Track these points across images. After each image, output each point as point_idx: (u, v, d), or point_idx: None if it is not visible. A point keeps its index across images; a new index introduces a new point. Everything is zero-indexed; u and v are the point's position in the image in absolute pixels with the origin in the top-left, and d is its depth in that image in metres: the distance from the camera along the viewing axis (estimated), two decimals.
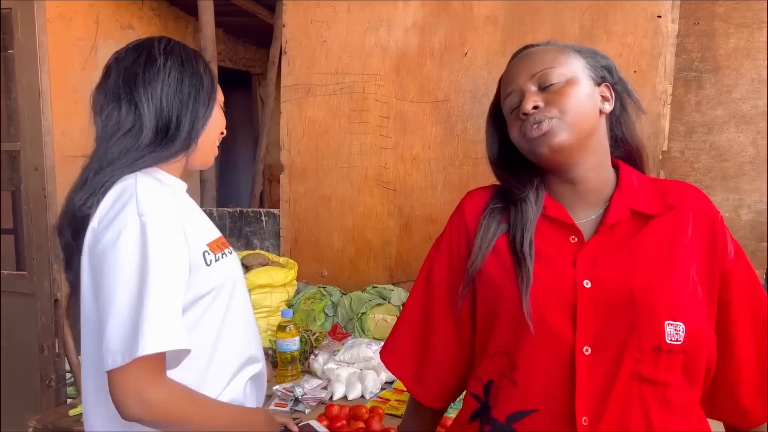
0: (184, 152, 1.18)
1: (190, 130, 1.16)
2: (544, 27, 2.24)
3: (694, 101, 2.11)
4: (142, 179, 1.09)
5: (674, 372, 0.92)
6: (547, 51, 1.02)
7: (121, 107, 1.14)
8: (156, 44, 1.19)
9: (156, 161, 1.14)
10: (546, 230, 0.99)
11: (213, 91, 1.21)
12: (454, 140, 2.39)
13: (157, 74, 1.15)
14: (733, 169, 2.08)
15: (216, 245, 1.18)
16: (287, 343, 2.00)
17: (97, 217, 1.06)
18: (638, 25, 2.14)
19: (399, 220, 2.49)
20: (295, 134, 2.60)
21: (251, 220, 2.72)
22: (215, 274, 1.14)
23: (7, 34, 2.33)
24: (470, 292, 1.06)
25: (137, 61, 1.16)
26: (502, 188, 1.08)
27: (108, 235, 1.01)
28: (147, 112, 1.13)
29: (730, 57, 2.07)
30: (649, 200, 0.98)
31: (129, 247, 0.99)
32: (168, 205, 1.08)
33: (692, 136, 2.13)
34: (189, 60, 1.19)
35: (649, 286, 0.92)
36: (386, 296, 2.35)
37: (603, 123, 1.01)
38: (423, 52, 2.40)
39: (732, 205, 2.09)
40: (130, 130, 1.13)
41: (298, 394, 1.82)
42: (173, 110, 1.15)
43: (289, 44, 2.57)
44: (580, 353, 0.92)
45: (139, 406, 0.96)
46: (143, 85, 1.14)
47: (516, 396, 0.97)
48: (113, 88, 1.16)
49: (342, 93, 2.51)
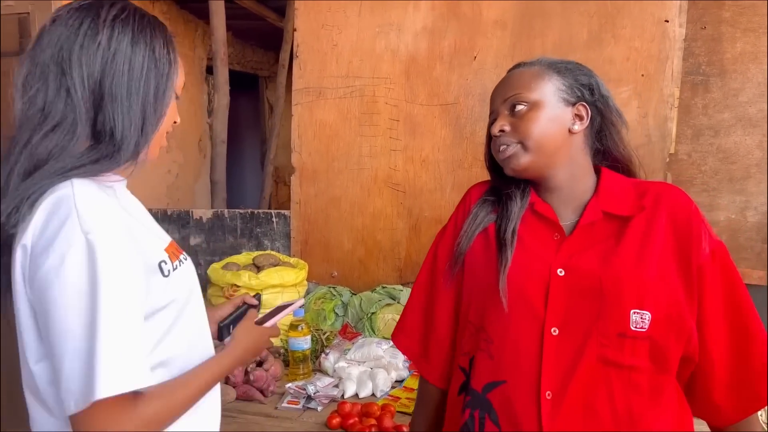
0: (131, 163, 0.98)
1: (138, 139, 0.96)
2: (553, 31, 2.28)
3: (701, 104, 2.13)
4: (79, 187, 0.90)
5: (640, 357, 0.98)
6: (523, 74, 1.10)
7: (48, 89, 0.92)
8: (103, 11, 0.95)
9: (97, 173, 0.94)
10: (534, 225, 1.09)
11: (170, 79, 1.00)
12: (463, 143, 2.42)
13: (96, 51, 0.92)
14: (739, 171, 2.10)
15: (171, 252, 1.03)
16: (299, 342, 2.03)
17: (29, 236, 0.88)
18: (646, 29, 2.17)
19: (408, 221, 2.53)
20: (306, 137, 2.63)
21: (262, 221, 2.75)
22: (173, 284, 1.00)
23: (25, 38, 2.38)
24: (462, 272, 1.16)
25: (77, 32, 0.93)
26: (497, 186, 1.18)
27: (50, 261, 0.85)
28: (80, 103, 0.92)
29: (736, 61, 2.09)
30: (624, 203, 1.05)
31: (76, 272, 0.84)
32: (115, 217, 0.92)
33: (699, 138, 2.15)
34: (144, 37, 0.96)
35: (617, 277, 0.99)
36: (395, 296, 2.38)
37: (576, 139, 1.10)
38: (432, 56, 2.44)
39: (738, 207, 2.11)
40: (60, 123, 0.92)
41: (310, 392, 1.85)
42: (115, 107, 0.93)
43: (301, 48, 2.60)
44: (548, 333, 1.01)
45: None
46: (78, 64, 0.92)
47: (491, 367, 1.06)
48: (41, 63, 0.93)
49: (352, 96, 2.54)
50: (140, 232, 0.97)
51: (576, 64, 1.13)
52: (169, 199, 4.47)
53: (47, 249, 0.85)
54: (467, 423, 1.08)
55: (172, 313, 1.01)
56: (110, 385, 0.83)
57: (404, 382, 1.97)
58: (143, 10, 1.01)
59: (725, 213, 2.12)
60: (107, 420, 0.85)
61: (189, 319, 1.06)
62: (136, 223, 0.98)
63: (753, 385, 1.02)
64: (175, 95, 1.03)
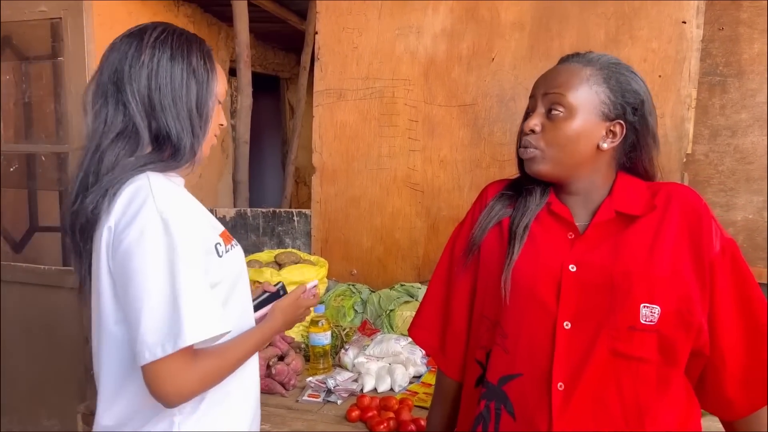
0: (190, 162, 1.15)
1: (192, 141, 1.13)
2: (570, 33, 2.30)
3: (719, 105, 2.14)
4: (153, 177, 1.07)
5: (649, 349, 1.02)
6: (574, 72, 1.08)
7: (109, 105, 1.10)
8: (147, 35, 1.11)
9: (164, 170, 1.11)
10: (549, 224, 1.12)
11: (209, 87, 1.14)
12: (481, 143, 2.46)
13: (141, 69, 1.08)
14: (757, 171, 2.11)
15: (225, 237, 1.17)
16: (319, 337, 2.08)
17: (113, 218, 1.04)
18: (663, 30, 2.18)
19: (426, 220, 2.57)
20: (326, 137, 2.69)
21: (284, 220, 2.81)
22: (226, 264, 1.15)
23: (57, 42, 2.46)
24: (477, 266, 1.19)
25: (126, 55, 1.10)
26: (517, 180, 1.19)
27: (131, 235, 1.00)
28: (135, 114, 1.08)
29: (754, 62, 2.10)
30: (637, 203, 1.08)
31: (155, 244, 0.99)
32: (183, 200, 1.08)
33: (716, 139, 2.16)
34: (181, 53, 1.11)
35: (628, 272, 1.02)
36: (414, 294, 2.42)
37: (604, 155, 1.09)
38: (451, 58, 2.48)
39: (756, 207, 2.12)
40: (122, 132, 1.09)
41: (330, 386, 1.90)
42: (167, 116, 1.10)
43: (322, 50, 2.66)
44: (561, 327, 1.04)
45: (178, 395, 1.00)
46: (129, 82, 1.08)
47: (506, 361, 1.10)
48: (102, 84, 1.11)
49: (372, 97, 2.59)
50: (201, 216, 1.13)
51: (632, 75, 1.09)
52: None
53: (128, 226, 1.01)
54: (482, 414, 1.12)
55: (225, 289, 1.15)
56: (196, 333, 0.98)
57: (422, 377, 2.01)
58: (182, 29, 1.17)
59: (742, 213, 2.13)
60: (175, 371, 0.99)
61: (239, 296, 1.21)
62: (199, 209, 1.14)
63: (764, 378, 1.04)
64: (217, 100, 1.18)
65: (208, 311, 1.02)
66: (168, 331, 0.97)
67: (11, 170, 2.71)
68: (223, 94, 1.19)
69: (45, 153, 2.72)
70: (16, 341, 2.67)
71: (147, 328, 0.97)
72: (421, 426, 1.63)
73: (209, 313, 1.02)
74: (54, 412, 2.62)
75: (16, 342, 2.67)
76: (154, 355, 0.97)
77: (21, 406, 2.71)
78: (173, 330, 0.97)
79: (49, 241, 2.85)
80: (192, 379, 1.02)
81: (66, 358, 2.55)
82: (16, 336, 2.67)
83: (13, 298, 2.67)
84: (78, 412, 1.88)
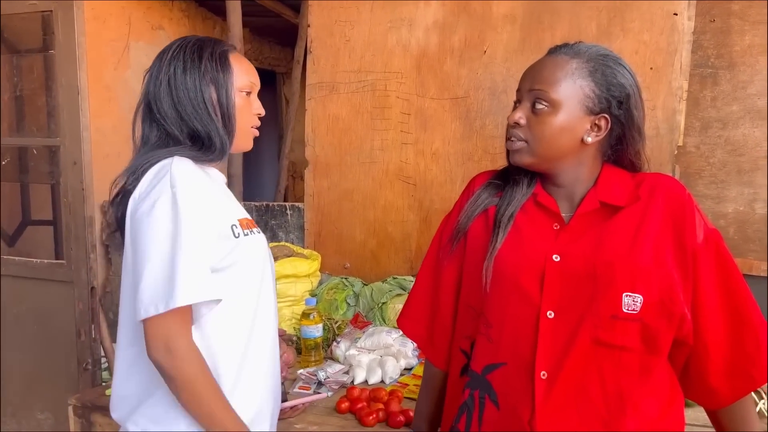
0: (221, 157, 1.25)
1: (221, 141, 1.22)
2: (562, 25, 2.30)
3: (710, 97, 2.14)
4: (178, 159, 1.17)
5: (631, 338, 1.02)
6: (558, 65, 1.07)
7: (145, 124, 1.25)
8: (165, 54, 1.23)
9: (194, 159, 1.20)
10: (535, 214, 1.12)
11: (227, 84, 1.23)
12: (473, 136, 2.46)
13: (160, 87, 1.21)
14: (748, 163, 2.11)
15: (244, 223, 1.24)
16: (311, 330, 2.08)
17: (137, 191, 1.16)
18: (654, 23, 2.18)
19: (419, 213, 2.57)
20: (319, 131, 2.69)
21: (277, 213, 2.82)
22: (243, 247, 1.20)
23: (48, 35, 2.45)
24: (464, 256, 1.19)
25: (151, 76, 1.24)
26: (505, 170, 1.19)
27: (145, 205, 1.11)
28: (168, 126, 1.21)
29: (745, 53, 2.10)
30: (621, 193, 1.07)
31: (162, 214, 1.09)
32: (197, 181, 1.15)
33: (707, 131, 2.16)
34: (192, 62, 1.21)
35: (610, 261, 1.02)
36: (406, 287, 2.42)
37: (589, 148, 1.09)
38: (443, 51, 2.47)
39: (747, 199, 2.12)
40: (160, 141, 1.22)
41: (321, 378, 1.90)
42: (194, 121, 1.20)
43: (314, 44, 2.65)
44: (544, 316, 1.05)
45: (166, 351, 1.06)
46: (155, 102, 1.22)
47: (490, 350, 1.10)
48: (139, 105, 1.26)
49: (365, 90, 2.59)
50: (221, 198, 1.21)
51: (619, 69, 1.07)
52: None
53: (145, 198, 1.13)
54: (466, 402, 1.12)
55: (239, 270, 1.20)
56: (187, 296, 1.06)
57: (413, 369, 2.01)
58: (198, 37, 1.27)
59: (733, 205, 2.13)
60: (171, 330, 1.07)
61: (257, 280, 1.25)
62: (220, 191, 1.23)
63: (747, 367, 1.04)
64: (244, 92, 1.26)
65: (201, 277, 1.09)
66: (162, 291, 1.06)
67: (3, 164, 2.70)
68: (249, 86, 1.27)
69: (37, 146, 2.72)
70: (9, 335, 2.67)
71: (144, 286, 1.07)
72: (410, 417, 1.63)
73: (202, 279, 1.09)
74: (48, 405, 2.62)
75: (9, 335, 2.67)
76: (147, 312, 1.06)
77: (15, 399, 2.71)
78: (167, 291, 1.05)
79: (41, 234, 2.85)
80: (184, 345, 1.08)
81: (59, 351, 2.55)
82: (9, 329, 2.67)
83: (6, 291, 2.67)
84: (69, 404, 1.88)
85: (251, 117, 1.29)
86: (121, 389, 1.22)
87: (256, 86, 1.29)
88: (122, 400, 1.22)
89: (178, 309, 1.06)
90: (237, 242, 1.20)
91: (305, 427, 1.63)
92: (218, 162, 1.27)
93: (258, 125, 1.32)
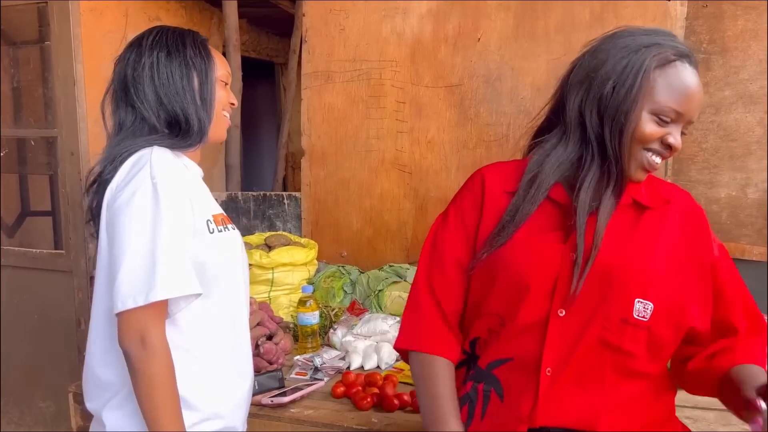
0: (198, 144, 1.27)
1: (199, 125, 1.24)
2: (555, 12, 2.30)
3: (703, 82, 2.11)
4: (157, 150, 1.17)
5: (638, 345, 1.04)
6: (702, 99, 1.06)
7: (119, 108, 1.24)
8: (144, 40, 1.24)
9: (172, 147, 1.22)
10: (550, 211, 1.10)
11: (208, 72, 1.26)
12: (467, 124, 2.46)
13: (143, 72, 1.21)
14: (740, 148, 2.12)
15: (219, 219, 1.25)
16: (307, 317, 2.10)
17: (115, 181, 1.16)
18: (647, 8, 2.18)
19: (415, 201, 2.58)
20: (315, 120, 2.70)
21: (274, 203, 2.83)
22: (217, 243, 1.21)
23: (44, 26, 2.47)
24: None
25: (128, 62, 1.23)
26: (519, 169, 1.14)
27: (123, 195, 1.10)
28: (145, 112, 1.21)
29: (738, 38, 2.10)
30: (647, 194, 1.09)
31: (142, 205, 1.08)
32: (177, 173, 1.16)
33: (700, 116, 2.15)
34: (176, 48, 1.23)
35: (626, 265, 1.03)
36: (402, 275, 2.44)
37: None
38: (437, 39, 2.48)
39: (739, 184, 2.13)
40: (135, 127, 1.22)
41: (317, 363, 1.93)
42: (174, 105, 1.21)
43: (309, 33, 2.66)
44: (555, 314, 1.04)
45: (139, 343, 1.05)
46: (134, 86, 1.21)
47: (498, 347, 1.10)
48: (113, 91, 1.26)
49: (360, 79, 2.59)
50: (197, 192, 1.21)
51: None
52: None
53: (124, 187, 1.12)
54: (469, 395, 1.12)
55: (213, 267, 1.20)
56: (167, 289, 1.05)
57: None
58: (176, 27, 1.29)
59: (726, 190, 2.14)
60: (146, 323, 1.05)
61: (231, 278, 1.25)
62: (195, 189, 1.21)
63: None
64: (222, 83, 1.29)
65: (181, 271, 1.09)
66: (141, 283, 1.04)
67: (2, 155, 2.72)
68: (225, 77, 1.31)
69: (35, 137, 2.74)
70: (9, 324, 2.70)
71: (123, 278, 1.05)
72: (405, 401, 1.66)
73: (182, 273, 1.09)
74: (49, 394, 2.66)
75: (10, 325, 2.70)
76: (125, 305, 1.04)
77: (16, 388, 2.75)
78: (147, 283, 1.04)
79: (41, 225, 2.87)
80: (157, 340, 1.07)
81: (59, 340, 2.58)
82: (9, 319, 2.70)
83: (6, 282, 2.70)
84: (69, 391, 1.90)
85: (226, 105, 1.32)
86: (97, 379, 1.20)
87: (230, 79, 1.34)
88: (97, 390, 1.20)
89: (156, 302, 1.05)
90: (211, 239, 1.20)
91: (301, 411, 1.66)
92: (196, 147, 1.28)
93: (230, 112, 1.35)
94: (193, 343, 1.18)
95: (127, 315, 1.05)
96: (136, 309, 1.04)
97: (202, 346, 1.20)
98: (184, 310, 1.16)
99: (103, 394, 1.18)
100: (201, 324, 1.19)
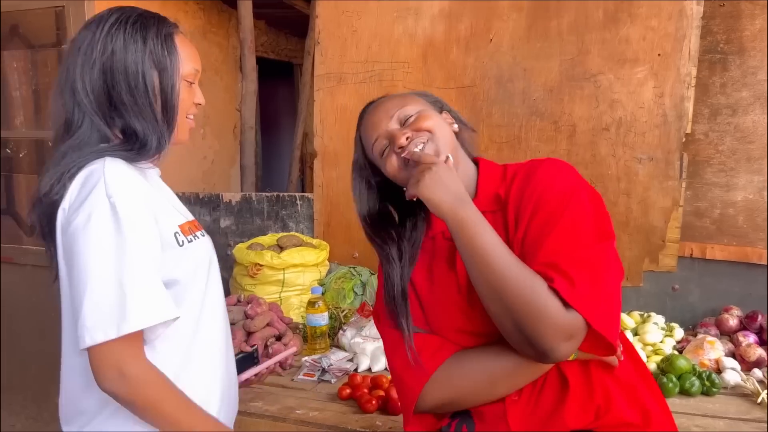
0: (156, 156, 1.12)
1: (160, 137, 1.08)
2: (568, 12, 2.27)
3: (719, 83, 2.10)
4: (109, 162, 1.03)
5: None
6: (392, 99, 1.16)
7: (66, 105, 1.07)
8: (100, 26, 1.05)
9: (127, 159, 1.07)
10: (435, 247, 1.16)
11: (173, 71, 1.08)
12: (479, 125, 2.44)
13: (93, 66, 1.04)
14: (757, 151, 2.07)
15: (187, 228, 1.13)
16: (317, 318, 2.11)
17: (67, 201, 1.02)
18: (662, 7, 2.14)
19: None
20: (327, 121, 2.70)
21: (287, 204, 2.84)
22: (188, 254, 1.10)
23: (61, 30, 2.51)
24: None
25: (78, 51, 1.05)
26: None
27: (79, 218, 0.98)
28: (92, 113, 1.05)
29: (755, 38, 2.05)
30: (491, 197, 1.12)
31: (101, 227, 0.97)
32: (136, 186, 1.04)
33: (716, 118, 2.12)
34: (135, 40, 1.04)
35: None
36: None
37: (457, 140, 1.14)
38: (449, 40, 2.46)
39: (757, 186, 2.08)
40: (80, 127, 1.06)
41: (324, 365, 1.93)
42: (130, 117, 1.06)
43: (322, 34, 2.66)
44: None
45: (119, 379, 0.96)
46: (81, 82, 1.05)
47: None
48: (59, 85, 1.08)
49: (372, 81, 2.59)
50: (160, 204, 1.09)
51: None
52: (204, 184, 4.62)
53: (78, 209, 0.99)
54: (443, 429, 1.12)
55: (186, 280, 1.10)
56: (142, 318, 0.96)
57: None
58: (142, 11, 1.09)
59: (743, 193, 2.09)
60: (122, 355, 0.96)
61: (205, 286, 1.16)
62: (158, 196, 1.10)
63: None
64: (187, 82, 1.13)
65: (155, 296, 0.99)
66: (110, 314, 0.95)
67: (21, 156, 2.78)
68: (192, 75, 1.14)
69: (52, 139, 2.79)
70: (28, 322, 2.76)
71: (88, 310, 0.95)
72: None
73: (156, 298, 0.99)
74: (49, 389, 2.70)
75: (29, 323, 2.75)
76: (93, 340, 0.95)
77: (33, 384, 2.80)
78: (117, 314, 0.95)
79: None
80: (139, 369, 0.98)
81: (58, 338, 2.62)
82: (28, 317, 2.75)
83: (26, 280, 2.75)
84: None
85: (191, 107, 1.16)
86: (74, 407, 1.11)
87: (199, 75, 1.16)
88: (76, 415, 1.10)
89: (130, 333, 0.95)
90: (181, 252, 1.09)
91: (306, 413, 1.66)
92: (154, 159, 1.14)
93: (195, 114, 1.18)
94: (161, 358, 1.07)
95: (99, 350, 0.96)
96: (109, 343, 0.95)
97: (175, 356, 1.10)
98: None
99: (80, 418, 1.10)
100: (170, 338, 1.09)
